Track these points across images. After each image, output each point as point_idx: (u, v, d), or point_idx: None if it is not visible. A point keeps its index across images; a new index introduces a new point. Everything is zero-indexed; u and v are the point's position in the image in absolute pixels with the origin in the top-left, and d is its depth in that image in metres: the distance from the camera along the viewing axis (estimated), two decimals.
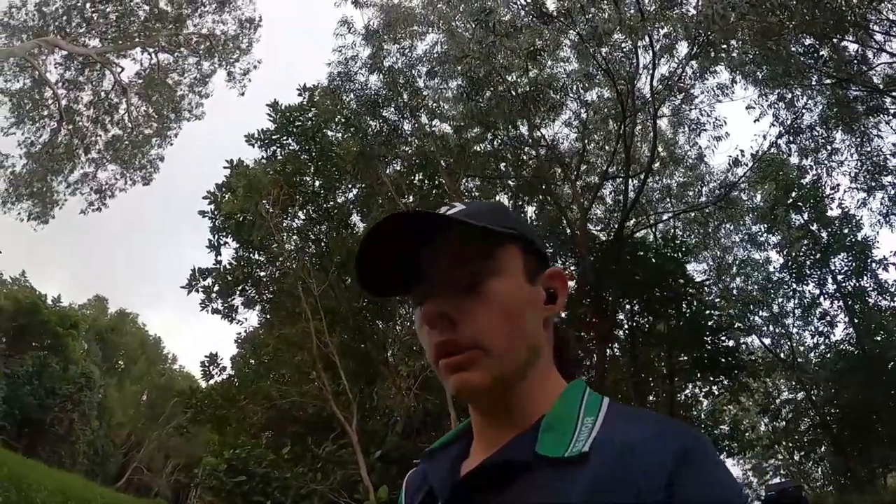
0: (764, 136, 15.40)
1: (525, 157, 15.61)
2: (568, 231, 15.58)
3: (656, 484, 0.73)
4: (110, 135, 18.91)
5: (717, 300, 18.74)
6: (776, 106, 14.94)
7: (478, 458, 0.92)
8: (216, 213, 14.44)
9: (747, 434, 20.91)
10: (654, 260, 15.25)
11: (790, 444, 23.62)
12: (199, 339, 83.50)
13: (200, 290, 14.67)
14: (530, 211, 16.33)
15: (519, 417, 0.90)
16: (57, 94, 17.84)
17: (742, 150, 16.05)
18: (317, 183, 14.69)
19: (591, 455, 0.80)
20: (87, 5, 18.66)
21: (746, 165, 16.15)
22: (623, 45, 12.88)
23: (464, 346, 0.88)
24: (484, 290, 0.90)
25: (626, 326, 16.43)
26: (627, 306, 16.09)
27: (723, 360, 15.43)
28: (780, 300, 21.23)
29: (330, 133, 14.77)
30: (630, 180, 14.60)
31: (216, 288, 14.88)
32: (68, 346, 28.70)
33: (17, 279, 31.34)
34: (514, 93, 13.23)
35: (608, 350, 14.99)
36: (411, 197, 13.95)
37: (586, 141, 15.86)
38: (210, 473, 14.28)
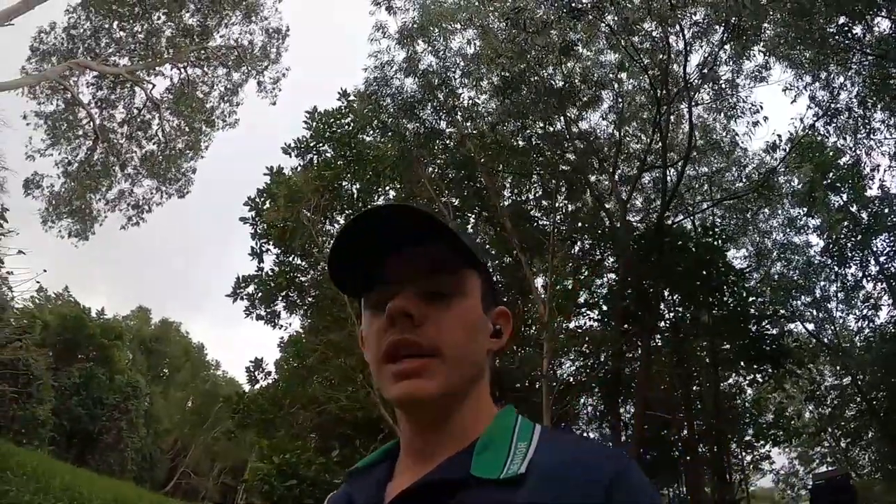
0: (801, 119, 14.99)
1: (561, 151, 15.37)
2: (607, 222, 15.37)
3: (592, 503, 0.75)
4: (145, 150, 19.13)
5: (759, 286, 18.32)
6: (812, 87, 14.56)
7: (406, 477, 0.92)
8: (257, 219, 14.58)
9: (793, 422, 20.47)
10: (694, 249, 14.95)
11: (836, 431, 23.10)
12: (241, 345, 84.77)
13: (245, 297, 14.87)
14: (566, 204, 16.09)
15: (454, 437, 0.91)
16: (91, 114, 18.03)
17: (779, 135, 15.61)
18: (355, 188, 14.75)
19: (526, 477, 0.81)
20: (115, 24, 18.88)
21: (784, 150, 15.74)
22: (654, 32, 12.64)
23: (424, 348, 0.89)
24: (450, 304, 0.93)
25: (668, 317, 16.15)
26: (669, 297, 15.80)
27: (767, 348, 15.13)
28: (823, 284, 20.70)
29: (367, 138, 14.82)
30: (668, 169, 14.32)
31: (259, 294, 15.06)
32: (114, 357, 29.17)
33: (60, 294, 32.04)
34: (549, 87, 13.07)
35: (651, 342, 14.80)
36: (452, 197, 13.98)
37: (622, 131, 15.57)
38: (261, 478, 14.43)
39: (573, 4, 11.53)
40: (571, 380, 15.26)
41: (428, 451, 0.91)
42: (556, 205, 14.78)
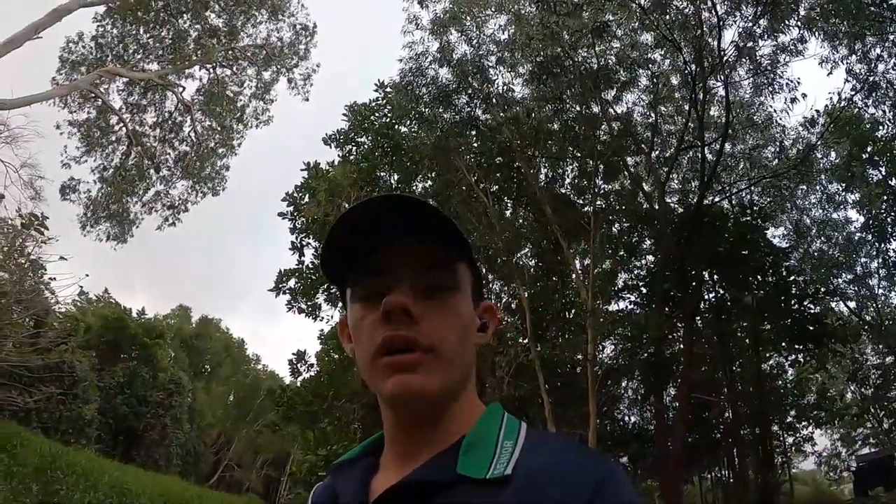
0: (839, 94, 14.59)
1: (597, 133, 15.19)
2: (644, 204, 15.16)
3: None
4: (178, 152, 19.35)
5: (799, 264, 17.92)
6: (849, 60, 14.15)
7: (390, 473, 0.91)
8: (296, 214, 14.70)
9: (835, 403, 20.10)
10: (733, 229, 14.67)
11: (879, 412, 22.54)
12: (277, 339, 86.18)
13: (286, 291, 15.07)
14: (603, 187, 15.91)
15: (441, 435, 0.90)
16: (124, 120, 18.27)
17: (817, 111, 15.22)
18: (393, 178, 14.81)
19: (512, 478, 0.80)
20: (141, 31, 19.08)
21: (822, 125, 15.34)
22: (686, 10, 12.40)
23: (421, 345, 0.87)
24: (446, 300, 0.91)
25: (709, 299, 15.91)
26: (710, 279, 15.56)
27: (809, 327, 14.84)
28: (864, 261, 20.16)
29: (403, 129, 14.84)
30: (705, 148, 14.05)
31: (300, 288, 15.26)
32: (156, 356, 29.64)
33: (101, 296, 32.60)
34: (584, 70, 12.94)
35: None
36: (491, 184, 13.95)
37: (658, 111, 15.30)
38: (309, 469, 14.59)
39: None
40: (614, 363, 15.17)
41: (413, 448, 0.91)
42: (595, 189, 14.60)
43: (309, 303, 15.52)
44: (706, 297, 15.87)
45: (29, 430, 18.05)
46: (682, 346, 13.57)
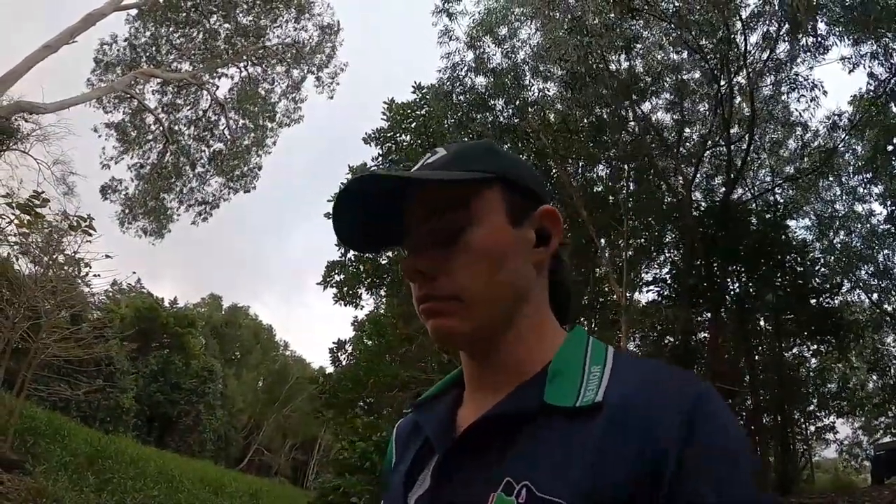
0: (861, 94, 14.66)
1: (625, 133, 15.44)
2: (668, 198, 15.40)
3: (671, 435, 0.72)
4: (212, 149, 19.89)
5: (821, 256, 18.10)
6: (870, 64, 14.17)
7: (474, 406, 0.90)
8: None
9: (857, 392, 20.26)
10: (758, 227, 14.93)
11: None
12: (303, 323, 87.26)
13: (334, 285, 15.64)
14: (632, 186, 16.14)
15: (514, 365, 0.88)
16: (159, 120, 18.80)
17: (839, 114, 15.33)
18: None
19: (603, 405, 0.78)
20: (173, 31, 19.55)
21: (845, 129, 15.47)
22: (711, 18, 12.58)
23: (443, 298, 0.87)
24: (462, 241, 0.87)
25: (732, 291, 16.21)
26: (734, 273, 15.85)
27: (828, 322, 15.14)
28: (886, 253, 20.24)
29: (441, 130, 15.17)
30: (731, 147, 14.27)
31: (345, 280, 15.83)
32: (188, 344, 30.41)
33: (133, 287, 33.39)
34: (614, 79, 13.19)
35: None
36: None
37: (683, 110, 15.51)
38: (360, 455, 15.08)
39: (630, 5, 11.61)
40: (642, 355, 15.58)
41: (489, 381, 0.90)
42: (626, 191, 14.86)
43: (350, 292, 16.13)
44: (731, 290, 16.16)
45: (70, 419, 18.83)
46: (707, 336, 13.89)
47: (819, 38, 13.03)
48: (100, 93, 17.97)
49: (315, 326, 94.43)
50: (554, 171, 14.34)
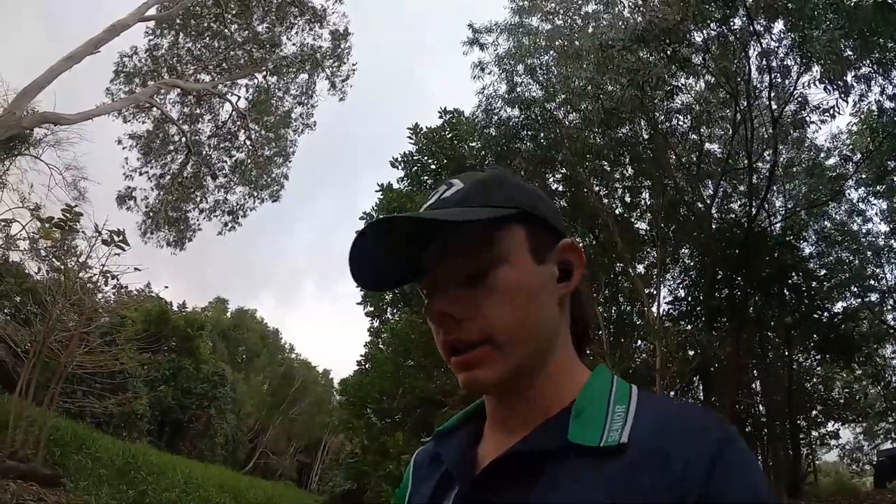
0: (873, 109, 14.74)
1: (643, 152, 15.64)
2: (683, 213, 15.55)
3: (696, 479, 0.71)
4: (234, 159, 19.90)
5: (828, 272, 18.33)
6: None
7: (496, 441, 0.88)
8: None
9: (859, 399, 20.57)
10: (776, 251, 15.12)
11: None
12: (301, 323, 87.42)
13: (370, 302, 15.79)
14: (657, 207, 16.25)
15: (537, 405, 0.86)
16: (183, 130, 18.78)
17: (853, 147, 15.53)
18: None
19: (628, 446, 0.76)
20: (193, 43, 19.54)
21: (856, 164, 15.68)
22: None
23: (472, 342, 0.84)
24: (488, 282, 0.84)
25: (751, 311, 16.45)
26: (754, 296, 16.08)
27: (836, 335, 15.52)
28: (891, 268, 20.40)
29: (468, 153, 15.25)
30: (753, 171, 14.39)
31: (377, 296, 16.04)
32: (198, 348, 30.34)
33: (142, 291, 33.11)
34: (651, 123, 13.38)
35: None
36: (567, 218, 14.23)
37: (703, 132, 15.70)
38: (386, 477, 15.11)
39: (684, 60, 11.81)
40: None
41: (513, 419, 0.88)
42: (660, 218, 14.95)
43: (381, 308, 16.36)
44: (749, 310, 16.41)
45: (86, 425, 18.76)
46: (729, 360, 14.10)
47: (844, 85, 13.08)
48: (123, 103, 17.96)
49: (314, 328, 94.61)
50: (588, 198, 14.45)
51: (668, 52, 11.85)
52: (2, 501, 9.65)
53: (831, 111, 13.03)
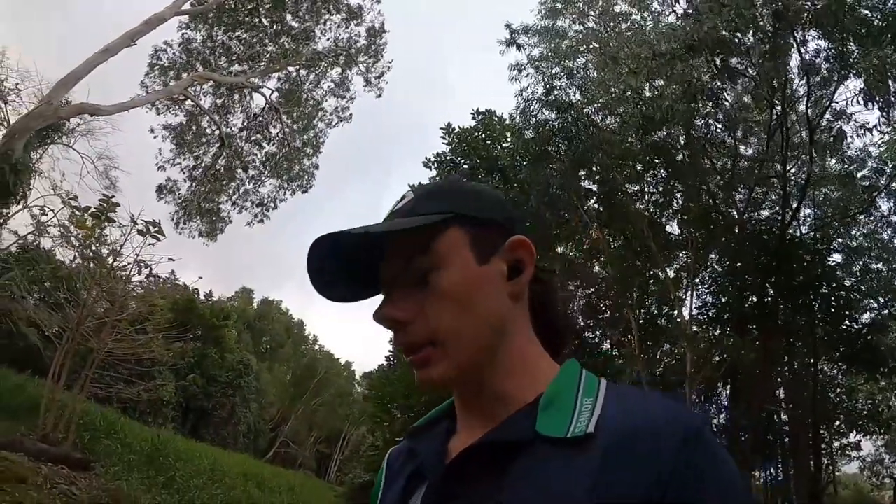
0: None
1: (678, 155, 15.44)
2: (716, 218, 15.38)
3: (664, 468, 0.72)
4: (266, 151, 20.03)
5: (855, 283, 18.03)
6: None
7: (466, 435, 0.90)
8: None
9: (882, 411, 20.27)
10: (808, 260, 14.90)
11: None
12: (324, 314, 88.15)
13: None
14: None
15: (503, 397, 0.88)
16: (217, 122, 18.96)
17: (886, 159, 15.21)
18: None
19: (595, 436, 0.78)
20: (227, 35, 19.68)
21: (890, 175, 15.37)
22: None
23: (418, 344, 0.87)
24: (430, 285, 0.87)
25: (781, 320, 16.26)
26: (784, 306, 15.88)
27: (863, 346, 15.31)
28: None
29: (502, 154, 15.18)
30: (787, 180, 14.20)
31: None
32: (224, 337, 30.66)
33: (168, 278, 33.47)
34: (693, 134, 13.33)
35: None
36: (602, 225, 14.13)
37: (737, 138, 15.44)
38: None
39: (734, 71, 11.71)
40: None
41: (481, 413, 0.89)
42: (694, 234, 14.81)
43: None
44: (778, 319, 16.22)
45: (113, 410, 18.98)
46: (760, 366, 13.95)
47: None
48: (159, 95, 18.17)
49: (336, 320, 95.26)
50: (625, 204, 14.34)
51: (718, 63, 11.73)
52: (34, 484, 9.73)
53: (869, 126, 12.80)
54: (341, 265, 0.93)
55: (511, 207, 1.02)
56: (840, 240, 17.76)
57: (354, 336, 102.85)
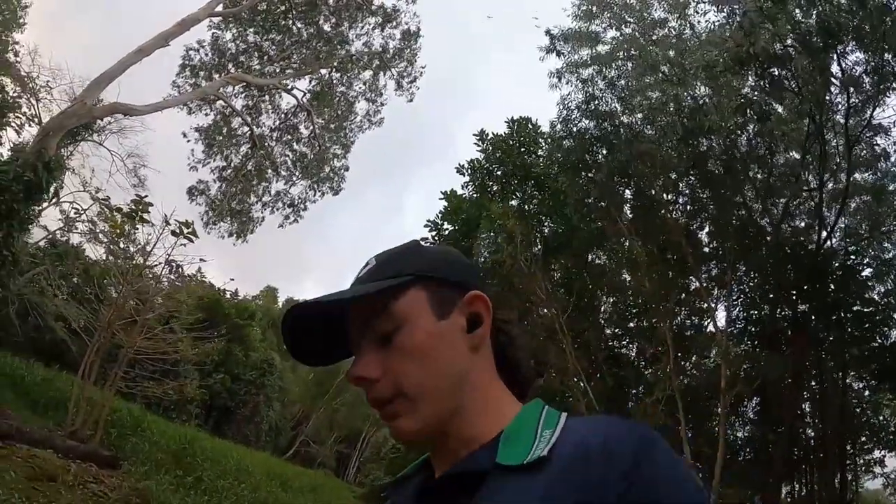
0: None
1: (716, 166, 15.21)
2: (751, 230, 15.15)
3: (616, 478, 0.74)
4: (297, 153, 19.99)
5: (886, 296, 17.69)
6: None
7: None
8: (437, 239, 15.15)
9: None
10: (840, 277, 14.64)
11: None
12: None
13: None
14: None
15: (468, 441, 0.91)
16: (249, 123, 18.98)
17: None
18: (545, 229, 15.03)
19: (550, 459, 0.80)
20: (259, 37, 19.71)
21: None
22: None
23: (387, 398, 0.91)
24: (395, 344, 0.91)
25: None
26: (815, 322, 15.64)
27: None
28: None
29: (538, 163, 15.05)
30: (823, 197, 13.96)
31: None
32: (249, 335, 30.75)
33: (193, 276, 33.73)
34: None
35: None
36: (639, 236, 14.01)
37: (775, 152, 15.19)
38: None
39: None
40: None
41: (452, 456, 0.92)
42: (727, 235, 14.57)
43: None
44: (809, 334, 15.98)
45: (137, 405, 19.06)
46: (791, 380, 13.76)
47: None
48: (192, 96, 18.23)
49: None
50: (662, 215, 14.15)
51: (768, 78, 11.59)
52: (64, 483, 9.74)
53: None
54: (317, 331, 0.99)
55: (469, 264, 1.09)
56: (872, 252, 17.41)
57: None
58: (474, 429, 0.92)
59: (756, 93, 12.32)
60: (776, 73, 12.06)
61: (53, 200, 18.37)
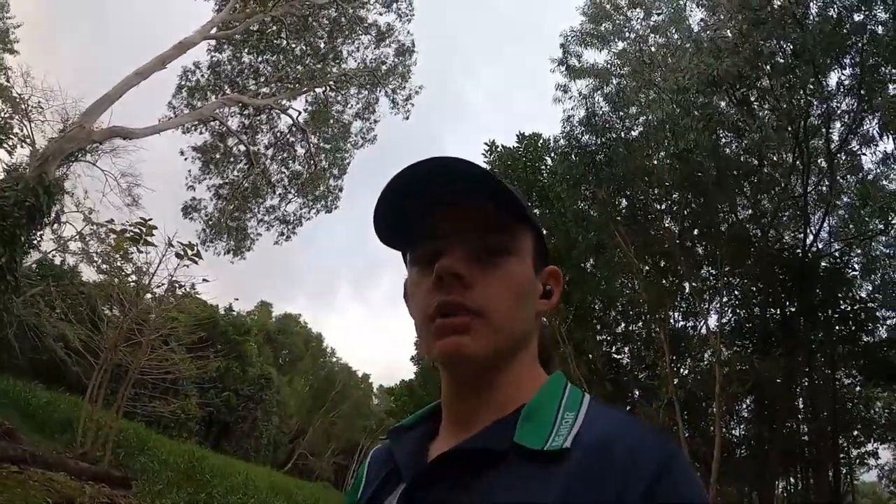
0: None
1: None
2: (740, 236, 15.41)
3: (635, 491, 0.70)
4: (291, 171, 20.04)
5: (871, 293, 18.03)
6: None
7: (448, 439, 0.89)
8: None
9: None
10: (827, 281, 14.93)
11: None
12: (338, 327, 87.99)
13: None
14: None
15: (496, 402, 0.87)
16: (245, 143, 19.02)
17: None
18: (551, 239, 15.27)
19: (571, 452, 0.76)
20: (255, 58, 19.79)
21: None
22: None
23: (469, 308, 0.84)
24: (500, 265, 0.87)
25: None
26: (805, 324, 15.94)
27: (880, 357, 15.35)
28: None
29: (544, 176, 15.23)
30: (808, 202, 14.26)
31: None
32: (246, 351, 30.66)
33: (188, 293, 33.40)
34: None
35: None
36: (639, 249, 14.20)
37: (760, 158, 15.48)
38: None
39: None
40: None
41: (469, 416, 0.88)
42: (718, 242, 14.82)
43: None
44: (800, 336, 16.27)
45: (138, 424, 18.95)
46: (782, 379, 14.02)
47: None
48: (189, 118, 18.28)
49: (348, 330, 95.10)
50: (657, 226, 14.42)
51: (738, 97, 11.87)
52: None
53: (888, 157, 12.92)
54: (404, 209, 0.89)
55: None
56: (859, 250, 17.73)
57: (372, 349, 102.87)
58: (510, 392, 0.87)
59: (734, 112, 12.56)
60: (746, 93, 12.33)
61: (54, 226, 18.27)
